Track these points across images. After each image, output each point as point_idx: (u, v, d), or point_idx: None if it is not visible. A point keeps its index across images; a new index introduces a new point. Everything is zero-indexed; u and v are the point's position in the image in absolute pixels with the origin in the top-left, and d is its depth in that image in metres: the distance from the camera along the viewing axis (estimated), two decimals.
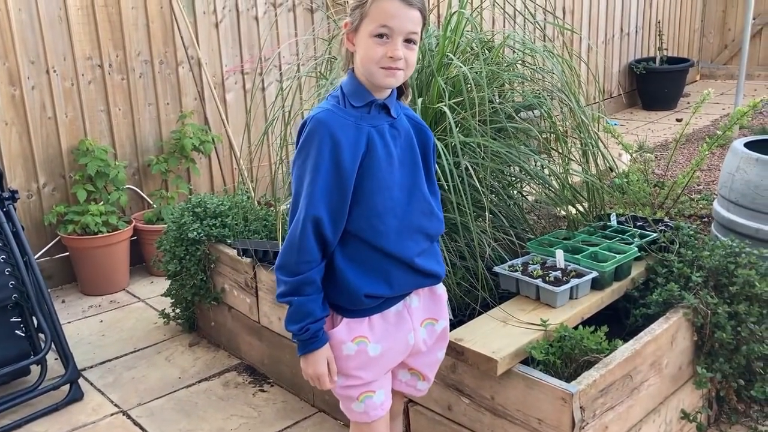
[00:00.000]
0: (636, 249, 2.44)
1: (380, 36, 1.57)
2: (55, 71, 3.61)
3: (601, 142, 2.72)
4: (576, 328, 2.09)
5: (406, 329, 1.75)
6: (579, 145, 2.70)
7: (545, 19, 4.97)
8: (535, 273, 2.30)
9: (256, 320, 2.85)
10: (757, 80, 7.88)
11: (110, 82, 3.80)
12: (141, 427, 2.60)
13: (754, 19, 7.24)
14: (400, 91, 1.74)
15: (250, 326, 2.90)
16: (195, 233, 2.97)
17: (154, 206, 3.92)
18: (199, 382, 2.88)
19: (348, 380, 1.72)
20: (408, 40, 1.59)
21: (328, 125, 1.59)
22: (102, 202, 3.68)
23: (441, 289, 1.83)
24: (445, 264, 1.88)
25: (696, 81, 8.28)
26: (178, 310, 3.26)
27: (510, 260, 2.43)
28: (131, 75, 3.86)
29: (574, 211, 2.76)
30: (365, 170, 1.61)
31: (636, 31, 7.28)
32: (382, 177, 1.63)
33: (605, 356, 2.00)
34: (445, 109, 2.27)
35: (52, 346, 2.76)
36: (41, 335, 2.79)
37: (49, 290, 2.92)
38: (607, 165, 2.75)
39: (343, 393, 1.75)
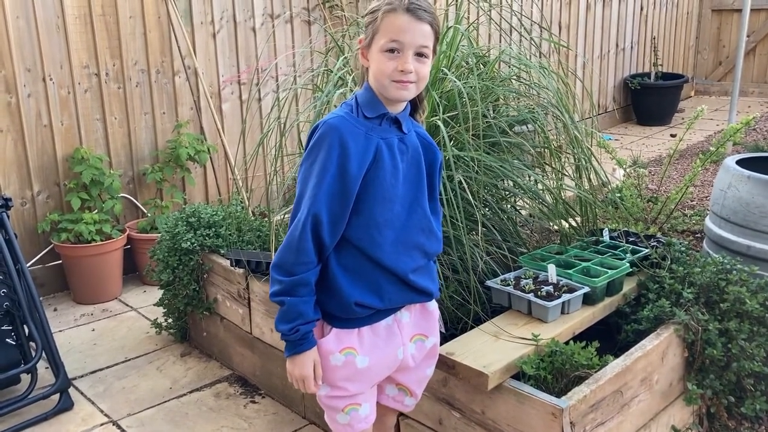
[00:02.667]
0: (628, 265, 2.45)
1: (391, 51, 1.59)
2: (51, 79, 3.61)
3: (594, 157, 2.74)
4: (567, 343, 2.09)
5: (396, 344, 1.75)
6: (572, 160, 2.71)
7: (540, 35, 4.99)
8: (527, 287, 2.30)
9: (248, 331, 2.84)
10: (750, 97, 7.94)
11: (106, 90, 3.80)
12: None
13: (748, 36, 7.30)
14: (415, 107, 1.75)
15: (242, 337, 2.89)
16: (188, 243, 2.96)
17: (149, 215, 3.92)
18: (191, 392, 2.87)
19: (334, 391, 1.73)
20: (419, 54, 1.61)
21: (339, 130, 1.60)
22: (96, 211, 3.67)
23: (433, 305, 1.83)
24: (438, 277, 1.89)
25: (690, 97, 8.33)
26: (170, 320, 3.25)
27: (502, 274, 2.43)
28: (128, 84, 3.87)
29: (566, 225, 2.77)
30: (370, 180, 1.62)
31: (631, 47, 7.33)
32: (385, 189, 1.64)
33: (596, 372, 2.01)
34: (439, 123, 2.28)
35: (43, 354, 2.75)
36: (32, 344, 2.78)
37: (41, 298, 2.91)
38: (600, 180, 2.76)
39: (329, 403, 1.76)
